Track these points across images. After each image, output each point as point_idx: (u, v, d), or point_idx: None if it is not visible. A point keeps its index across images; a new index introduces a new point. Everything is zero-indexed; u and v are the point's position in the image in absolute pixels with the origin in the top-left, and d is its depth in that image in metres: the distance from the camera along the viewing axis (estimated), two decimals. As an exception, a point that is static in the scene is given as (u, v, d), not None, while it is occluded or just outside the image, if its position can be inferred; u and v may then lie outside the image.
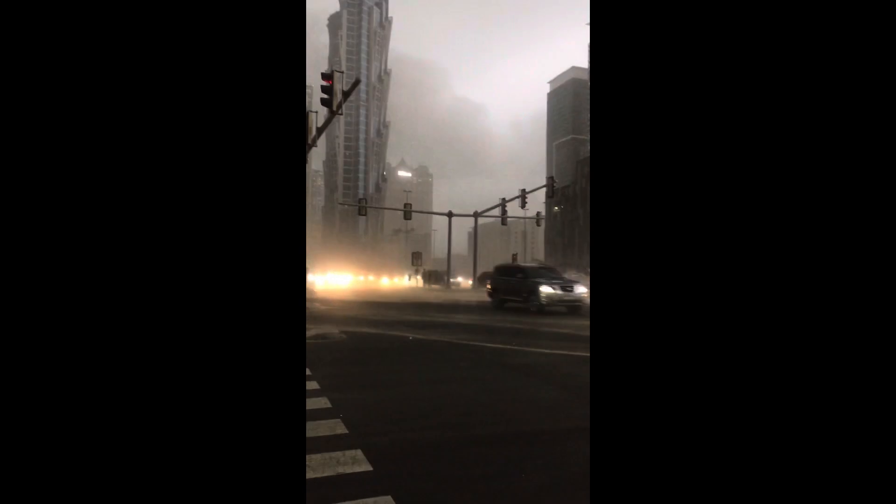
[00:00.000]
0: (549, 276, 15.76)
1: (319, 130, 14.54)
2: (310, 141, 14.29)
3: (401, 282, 50.18)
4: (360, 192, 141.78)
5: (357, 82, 15.05)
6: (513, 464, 2.96)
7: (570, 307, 14.34)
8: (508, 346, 8.04)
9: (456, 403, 4.44)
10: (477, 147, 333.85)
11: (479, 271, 38.78)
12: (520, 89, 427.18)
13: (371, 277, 47.63)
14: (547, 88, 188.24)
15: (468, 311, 15.85)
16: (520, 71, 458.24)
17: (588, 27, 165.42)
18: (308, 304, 14.79)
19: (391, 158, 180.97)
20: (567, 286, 14.69)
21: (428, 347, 8.16)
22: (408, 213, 37.00)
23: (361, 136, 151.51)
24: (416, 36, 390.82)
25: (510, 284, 16.15)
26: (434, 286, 36.80)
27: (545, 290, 14.29)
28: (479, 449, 3.23)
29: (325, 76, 12.74)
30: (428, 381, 5.44)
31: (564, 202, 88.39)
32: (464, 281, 42.78)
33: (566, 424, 3.84)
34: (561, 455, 3.12)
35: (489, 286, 17.81)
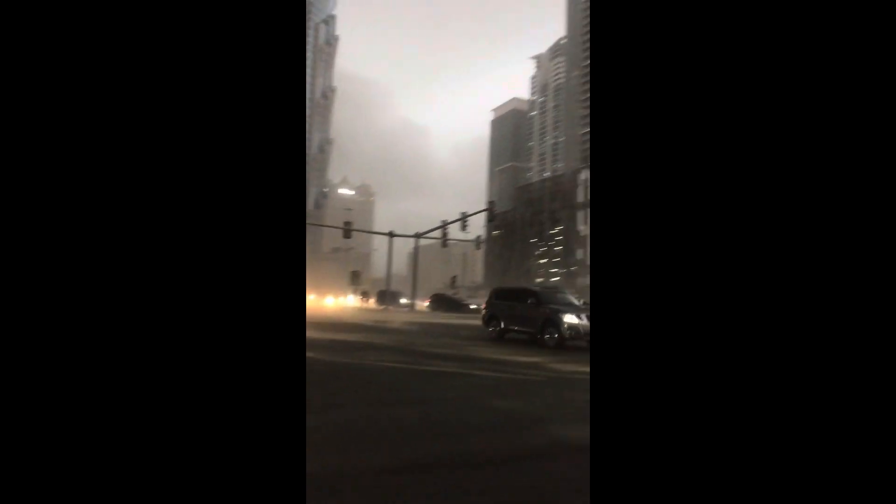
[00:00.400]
0: (566, 301, 12.47)
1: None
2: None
3: (344, 301, 48.43)
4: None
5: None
6: None
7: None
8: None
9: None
10: (419, 168, 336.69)
11: (419, 293, 38.62)
12: (462, 114, 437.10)
13: (312, 297, 44.95)
14: (489, 115, 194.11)
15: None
16: (463, 96, 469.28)
17: (533, 61, 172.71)
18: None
19: (333, 176, 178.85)
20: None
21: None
22: (348, 231, 36.30)
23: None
24: (363, 55, 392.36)
25: (516, 311, 12.59)
26: (388, 307, 35.97)
27: (570, 320, 11.05)
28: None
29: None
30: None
31: (504, 227, 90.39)
32: (420, 303, 41.51)
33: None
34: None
35: (485, 313, 14.16)
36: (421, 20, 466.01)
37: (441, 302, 37.04)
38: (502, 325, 12.93)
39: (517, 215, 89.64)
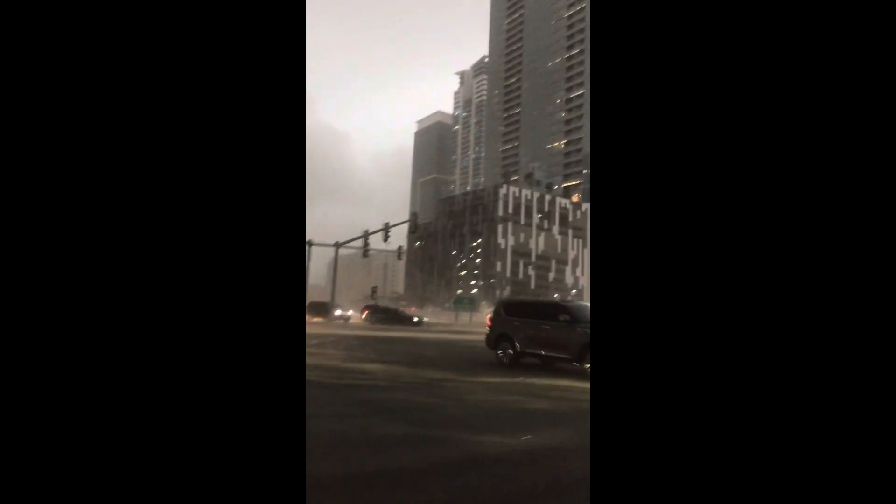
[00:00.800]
0: None
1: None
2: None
3: None
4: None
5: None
6: None
7: None
8: None
9: None
10: (339, 176, 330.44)
11: (338, 303, 36.92)
12: (384, 124, 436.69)
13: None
14: (411, 126, 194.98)
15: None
16: (385, 105, 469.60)
17: (457, 76, 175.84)
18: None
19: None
20: None
21: None
22: (263, 238, 34.37)
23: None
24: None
25: (541, 332, 9.88)
26: (316, 319, 30.97)
27: None
28: None
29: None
30: None
31: (426, 238, 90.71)
32: (354, 314, 37.85)
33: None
34: None
35: (491, 332, 10.89)
36: (347, 27, 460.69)
37: (380, 314, 32.89)
38: (517, 348, 10.14)
39: (439, 227, 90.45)
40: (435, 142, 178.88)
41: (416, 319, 31.92)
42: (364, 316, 33.80)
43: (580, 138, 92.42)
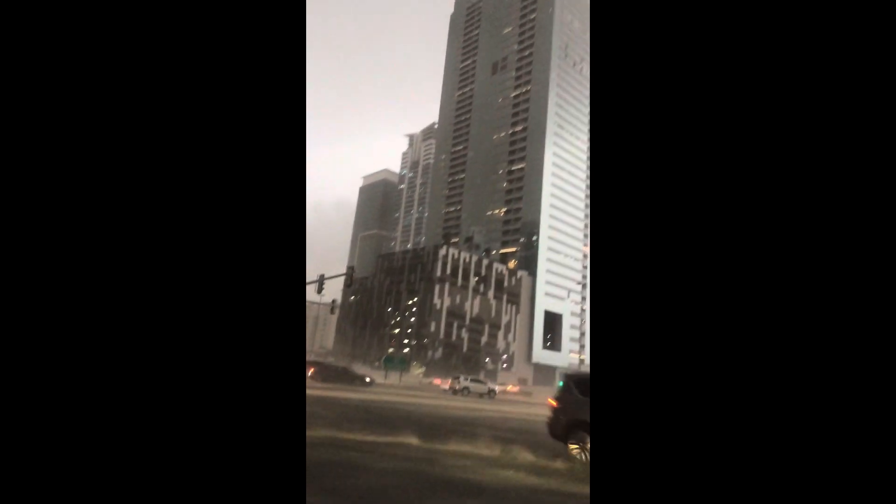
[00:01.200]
0: None
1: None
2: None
3: None
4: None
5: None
6: None
7: None
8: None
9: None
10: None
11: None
12: (329, 175, 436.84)
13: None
14: (356, 180, 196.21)
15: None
16: (328, 156, 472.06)
17: (406, 138, 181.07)
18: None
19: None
20: None
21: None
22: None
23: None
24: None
25: None
26: None
27: None
28: None
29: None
30: None
31: (362, 293, 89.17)
32: None
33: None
34: None
35: (559, 415, 8.16)
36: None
37: (329, 372, 30.04)
38: None
39: (376, 283, 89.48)
40: (379, 198, 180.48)
41: (367, 380, 29.96)
42: (310, 374, 29.46)
43: (519, 208, 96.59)
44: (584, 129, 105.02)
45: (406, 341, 78.79)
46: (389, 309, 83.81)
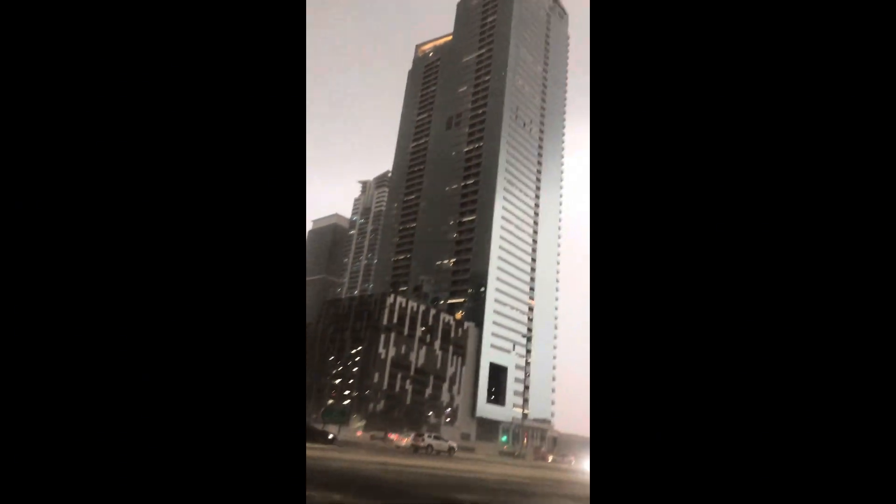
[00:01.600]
0: None
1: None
2: None
3: None
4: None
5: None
6: None
7: None
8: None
9: None
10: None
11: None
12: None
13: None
14: (307, 225, 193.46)
15: None
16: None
17: (359, 184, 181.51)
18: None
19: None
20: None
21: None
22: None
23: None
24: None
25: None
26: None
27: None
28: None
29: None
30: None
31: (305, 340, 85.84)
32: None
33: None
34: None
35: None
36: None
37: None
38: None
39: (319, 329, 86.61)
40: (328, 242, 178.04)
41: (330, 436, 27.56)
42: None
43: (468, 259, 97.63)
44: (533, 186, 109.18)
45: (347, 392, 75.76)
46: (332, 358, 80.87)
